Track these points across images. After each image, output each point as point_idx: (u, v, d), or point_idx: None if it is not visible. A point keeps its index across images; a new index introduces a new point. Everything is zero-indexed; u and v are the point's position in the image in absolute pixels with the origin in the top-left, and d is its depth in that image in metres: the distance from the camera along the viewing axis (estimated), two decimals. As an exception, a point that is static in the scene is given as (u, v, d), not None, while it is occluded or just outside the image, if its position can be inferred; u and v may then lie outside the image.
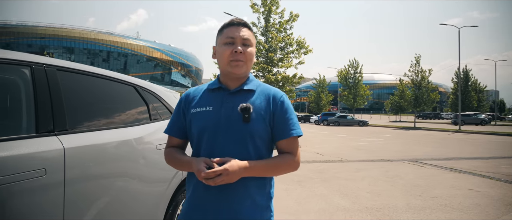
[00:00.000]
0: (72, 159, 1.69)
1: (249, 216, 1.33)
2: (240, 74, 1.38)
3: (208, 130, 1.35)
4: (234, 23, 1.39)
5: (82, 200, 1.75)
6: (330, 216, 4.27)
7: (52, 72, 1.84)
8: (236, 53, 1.34)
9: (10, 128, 1.66)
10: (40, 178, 1.53)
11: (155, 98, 2.69)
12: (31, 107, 1.68)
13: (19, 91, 1.72)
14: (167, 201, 2.49)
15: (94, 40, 74.54)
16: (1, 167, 1.41)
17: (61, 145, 1.68)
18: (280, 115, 1.37)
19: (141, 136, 2.30)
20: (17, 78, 1.73)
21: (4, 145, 1.49)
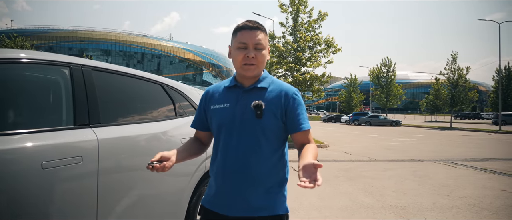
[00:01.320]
0: (104, 149, 1.90)
1: (262, 202, 1.46)
2: (252, 76, 1.51)
3: (225, 126, 1.49)
4: (247, 27, 1.47)
5: (113, 184, 1.95)
6: (352, 213, 4.31)
7: (87, 71, 2.06)
8: (248, 58, 1.46)
9: (52, 121, 1.89)
10: (78, 164, 1.74)
11: (181, 96, 2.88)
12: (70, 103, 1.90)
13: (60, 88, 1.95)
14: (191, 192, 2.66)
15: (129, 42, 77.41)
16: (46, 153, 1.62)
17: (95, 136, 1.89)
18: (292, 111, 1.48)
19: (166, 130, 2.49)
20: (58, 77, 1.96)
21: (48, 135, 1.71)
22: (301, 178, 1.18)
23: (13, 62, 1.74)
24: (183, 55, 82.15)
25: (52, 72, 1.96)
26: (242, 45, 1.45)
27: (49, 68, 1.93)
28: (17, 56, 1.76)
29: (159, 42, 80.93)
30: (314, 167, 1.20)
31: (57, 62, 1.93)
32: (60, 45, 71.93)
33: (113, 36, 77.31)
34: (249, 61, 1.45)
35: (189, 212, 2.60)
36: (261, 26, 1.50)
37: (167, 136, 2.48)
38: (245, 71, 1.47)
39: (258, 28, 1.48)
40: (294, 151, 1.57)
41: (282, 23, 15.84)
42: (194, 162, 2.64)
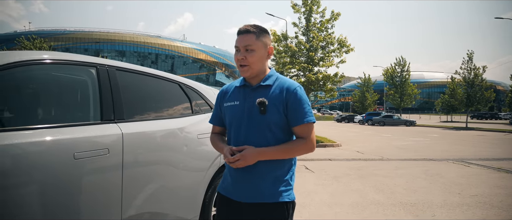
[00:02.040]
0: (128, 142, 2.06)
1: (270, 189, 1.60)
2: (247, 76, 1.64)
3: (235, 121, 1.64)
4: (239, 32, 1.63)
5: (136, 175, 2.12)
6: (362, 209, 4.41)
7: (112, 71, 2.24)
8: (239, 59, 1.60)
9: (81, 116, 2.07)
10: (105, 156, 1.91)
11: (197, 94, 3.04)
12: (97, 100, 2.08)
13: (88, 86, 2.13)
14: (206, 185, 2.81)
15: (143, 43, 78.45)
16: (77, 145, 1.80)
17: (120, 131, 2.06)
18: (293, 104, 1.61)
19: (184, 127, 2.65)
20: (86, 76, 2.14)
21: (78, 129, 1.89)
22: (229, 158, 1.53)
23: (47, 63, 1.92)
24: (197, 55, 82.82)
25: (80, 72, 2.14)
26: (236, 48, 1.62)
27: (78, 68, 2.11)
28: (52, 57, 1.94)
29: (172, 42, 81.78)
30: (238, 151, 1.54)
31: (85, 63, 2.11)
32: (76, 46, 73.30)
33: (128, 37, 78.46)
34: (241, 62, 1.60)
35: (204, 204, 2.75)
36: (252, 29, 1.62)
37: (184, 132, 2.64)
38: (241, 73, 1.63)
39: (248, 31, 1.61)
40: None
41: (294, 23, 15.92)
42: (208, 158, 2.80)
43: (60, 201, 1.70)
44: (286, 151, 1.60)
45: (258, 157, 1.53)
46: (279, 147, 1.58)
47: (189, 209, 2.59)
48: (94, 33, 77.62)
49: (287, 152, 1.60)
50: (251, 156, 1.52)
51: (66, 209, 1.73)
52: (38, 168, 1.62)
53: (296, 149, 1.61)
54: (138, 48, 78.29)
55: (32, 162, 1.60)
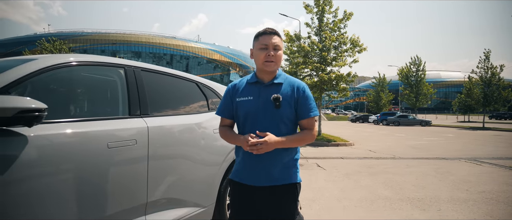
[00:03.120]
0: (153, 135, 2.32)
1: (280, 173, 1.83)
2: (271, 71, 1.88)
3: (251, 114, 1.87)
4: (267, 32, 1.87)
5: (159, 164, 2.37)
6: (370, 203, 4.58)
7: (138, 71, 2.51)
8: (269, 56, 1.84)
9: (112, 111, 2.34)
10: (133, 146, 2.18)
11: (212, 93, 3.30)
12: (125, 96, 2.35)
13: (117, 85, 2.40)
14: (221, 177, 3.05)
15: (158, 44, 79.54)
16: (110, 136, 2.06)
17: (146, 124, 2.32)
18: (302, 101, 1.85)
19: (200, 122, 2.91)
20: (115, 76, 2.41)
21: (110, 122, 2.16)
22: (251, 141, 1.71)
23: (85, 64, 2.19)
24: (211, 56, 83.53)
25: (111, 72, 2.41)
26: (264, 46, 1.84)
27: (109, 69, 2.39)
28: (88, 60, 2.22)
29: (187, 43, 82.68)
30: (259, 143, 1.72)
31: (115, 64, 2.39)
32: (94, 48, 74.77)
33: (144, 38, 79.70)
34: (269, 58, 1.83)
35: (220, 193, 3.00)
36: (277, 32, 1.89)
37: (201, 127, 2.89)
38: (266, 67, 1.84)
39: (276, 33, 1.87)
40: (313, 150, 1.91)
41: (307, 23, 16.08)
42: (222, 153, 3.04)
43: (96, 184, 1.97)
44: (297, 140, 1.83)
45: (276, 145, 1.75)
46: (293, 137, 1.81)
47: (206, 197, 2.84)
48: (110, 35, 79.08)
49: (298, 141, 1.84)
50: (272, 144, 1.73)
51: (101, 191, 1.99)
52: (78, 154, 1.89)
53: (304, 138, 1.85)
54: (154, 49, 79.41)
55: (73, 149, 1.87)
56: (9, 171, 1.58)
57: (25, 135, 1.67)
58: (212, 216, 2.95)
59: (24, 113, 1.58)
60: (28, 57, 2.03)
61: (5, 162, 1.58)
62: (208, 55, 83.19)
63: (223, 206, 3.05)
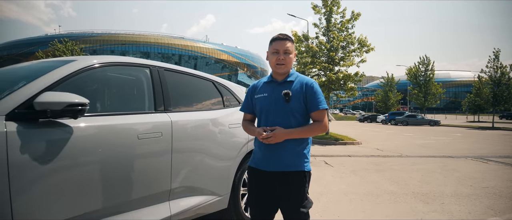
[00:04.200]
0: (176, 128, 2.57)
1: (292, 161, 2.06)
2: (282, 72, 2.12)
3: (265, 109, 2.12)
4: (279, 38, 2.11)
5: (181, 154, 2.62)
6: (376, 197, 4.78)
7: (161, 71, 2.76)
8: (279, 59, 2.08)
9: (140, 107, 2.60)
10: (159, 137, 2.43)
11: (227, 91, 3.54)
12: (151, 94, 2.60)
13: (143, 83, 2.65)
14: (235, 168, 3.29)
15: (167, 44, 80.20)
16: (140, 128, 2.32)
17: (169, 119, 2.57)
18: (310, 95, 2.08)
19: (217, 118, 3.15)
20: (141, 75, 2.66)
21: (139, 116, 2.41)
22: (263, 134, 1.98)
23: (116, 64, 2.45)
24: (219, 56, 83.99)
25: (137, 72, 2.66)
26: (275, 50, 2.10)
27: (135, 68, 2.65)
28: (118, 60, 2.47)
29: (195, 43, 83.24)
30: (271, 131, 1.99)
31: (141, 64, 2.65)
32: (103, 48, 75.59)
33: (152, 38, 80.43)
34: (280, 62, 2.08)
35: (235, 183, 3.24)
36: (289, 37, 2.13)
37: (217, 122, 3.13)
38: (277, 69, 2.10)
39: (287, 39, 2.12)
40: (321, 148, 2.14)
41: (315, 24, 16.26)
42: (236, 148, 3.28)
43: (128, 169, 2.22)
44: (307, 131, 2.06)
45: (285, 136, 2.00)
46: (302, 128, 2.05)
47: (222, 187, 3.08)
48: (120, 35, 79.91)
49: (308, 132, 2.07)
50: (280, 135, 1.98)
51: (132, 176, 2.24)
52: (113, 144, 2.14)
53: (314, 129, 2.08)
54: (162, 50, 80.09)
55: (109, 139, 2.12)
56: (59, 156, 1.84)
57: (71, 126, 1.93)
58: (227, 204, 3.19)
59: (71, 107, 1.83)
60: (68, 59, 2.29)
61: (55, 148, 1.84)
62: (216, 55, 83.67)
63: (237, 195, 3.29)
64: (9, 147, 1.65)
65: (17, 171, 1.66)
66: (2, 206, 1.61)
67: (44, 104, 1.76)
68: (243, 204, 3.35)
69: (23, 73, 2.30)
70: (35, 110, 1.78)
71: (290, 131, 2.02)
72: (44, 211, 1.77)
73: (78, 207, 1.94)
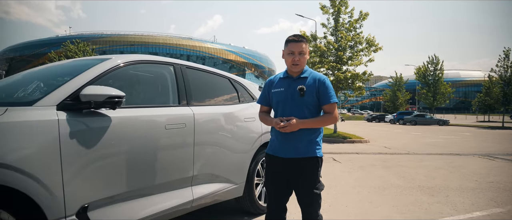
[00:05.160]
0: (197, 120, 2.82)
1: (305, 148, 2.29)
2: (296, 71, 2.35)
3: (282, 102, 2.35)
4: (294, 40, 2.33)
5: (202, 144, 2.87)
6: (382, 190, 4.98)
7: (183, 68, 3.01)
8: (294, 60, 2.31)
9: (165, 100, 2.85)
10: (183, 128, 2.68)
11: (242, 87, 3.79)
12: (175, 89, 2.85)
13: (167, 79, 2.91)
14: (250, 159, 3.53)
15: (175, 45, 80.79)
16: (166, 120, 2.57)
17: (192, 112, 2.82)
18: (322, 90, 2.31)
19: (233, 112, 3.39)
20: (166, 72, 2.92)
21: (165, 109, 2.67)
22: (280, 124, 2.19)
23: (144, 62, 2.71)
24: (227, 56, 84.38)
25: (163, 69, 2.92)
26: (291, 52, 2.32)
27: (161, 66, 2.90)
28: (146, 59, 2.73)
29: (203, 44, 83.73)
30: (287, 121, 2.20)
31: (166, 62, 2.91)
32: (112, 49, 76.29)
33: (161, 39, 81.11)
34: (295, 62, 2.31)
35: (249, 173, 3.48)
36: (303, 39, 2.35)
37: (233, 116, 3.37)
38: (293, 68, 2.33)
39: (301, 41, 2.34)
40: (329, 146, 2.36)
41: (323, 24, 16.43)
42: (250, 141, 3.51)
43: (157, 156, 2.47)
44: (319, 122, 2.29)
45: (300, 125, 2.23)
46: (314, 119, 2.28)
47: (238, 176, 3.32)
48: (128, 36, 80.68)
49: (320, 122, 2.30)
50: (295, 125, 2.21)
51: (161, 161, 2.50)
52: (145, 132, 2.40)
53: (325, 120, 2.31)
54: (171, 50, 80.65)
55: (141, 128, 2.38)
56: (100, 142, 2.10)
57: (110, 116, 2.19)
58: (242, 192, 3.43)
59: (110, 99, 2.09)
60: (103, 57, 2.56)
61: (98, 135, 2.10)
62: (223, 56, 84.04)
63: (252, 185, 3.53)
64: (61, 133, 1.91)
65: (66, 153, 1.92)
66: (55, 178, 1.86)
67: (88, 96, 2.02)
68: (257, 193, 3.60)
69: (66, 70, 2.58)
70: (80, 101, 2.04)
71: (304, 121, 2.25)
72: (88, 188, 2.03)
73: (117, 186, 2.20)
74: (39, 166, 1.79)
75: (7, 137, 1.70)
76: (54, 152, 1.87)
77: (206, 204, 3.02)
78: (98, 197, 2.08)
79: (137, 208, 2.32)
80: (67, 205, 1.90)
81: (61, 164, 1.89)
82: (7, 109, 1.79)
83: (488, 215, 3.79)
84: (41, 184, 1.78)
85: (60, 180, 1.88)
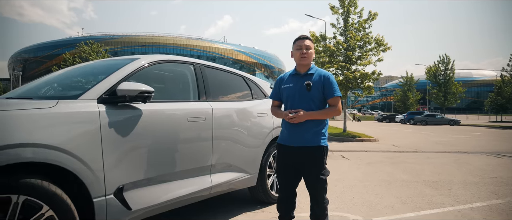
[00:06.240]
0: (216, 114, 3.12)
1: (312, 138, 2.56)
2: (305, 64, 2.62)
3: (291, 96, 2.64)
4: (301, 38, 2.63)
5: (220, 136, 3.16)
6: (388, 183, 5.21)
7: (202, 67, 3.31)
8: (302, 53, 2.59)
9: (187, 96, 3.15)
10: (203, 121, 2.98)
11: (255, 85, 4.07)
12: (195, 86, 3.15)
13: (188, 77, 3.21)
14: (263, 152, 3.80)
15: (186, 46, 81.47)
16: (189, 113, 2.87)
17: (210, 106, 3.12)
18: (327, 85, 2.58)
19: (246, 107, 3.67)
20: (187, 71, 3.22)
21: (187, 103, 2.97)
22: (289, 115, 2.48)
23: (168, 61, 3.02)
24: (236, 56, 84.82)
25: (184, 68, 3.22)
26: (299, 47, 2.61)
27: (182, 65, 3.21)
28: (170, 58, 3.04)
29: (213, 44, 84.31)
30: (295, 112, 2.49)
31: (187, 62, 3.21)
32: (124, 50, 77.22)
33: (171, 40, 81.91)
34: (303, 55, 2.60)
35: (262, 165, 3.76)
36: (308, 37, 2.65)
37: (248, 111, 3.66)
38: (301, 61, 2.62)
39: (306, 38, 2.64)
40: (338, 144, 2.63)
41: (333, 24, 16.63)
42: (263, 135, 3.79)
43: (181, 145, 2.77)
44: (324, 114, 2.57)
45: (307, 117, 2.51)
46: (320, 111, 2.56)
47: (252, 166, 3.60)
48: (140, 37, 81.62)
49: (325, 114, 2.57)
50: (303, 116, 2.49)
51: (184, 150, 2.80)
52: (170, 124, 2.69)
53: (330, 112, 2.59)
54: (181, 51, 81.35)
55: (168, 120, 2.68)
56: (134, 131, 2.40)
57: (141, 109, 2.49)
58: (255, 182, 3.71)
59: (142, 94, 2.38)
60: (132, 57, 2.86)
61: (131, 125, 2.40)
62: (233, 56, 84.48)
63: (264, 175, 3.80)
64: (101, 122, 2.22)
65: (106, 140, 2.22)
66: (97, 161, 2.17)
67: (123, 91, 2.32)
68: (269, 183, 3.87)
69: (101, 69, 2.90)
70: (116, 95, 2.35)
71: (311, 113, 2.53)
72: (123, 171, 2.33)
73: (147, 171, 2.49)
74: (84, 150, 2.09)
75: (60, 125, 2.01)
76: (96, 138, 2.17)
77: (222, 192, 3.31)
78: (131, 180, 2.39)
79: (164, 191, 2.62)
80: (107, 185, 2.21)
81: (102, 149, 2.19)
82: (58, 101, 2.10)
83: (488, 205, 4.00)
84: (87, 165, 2.09)
85: (101, 163, 2.18)
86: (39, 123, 1.91)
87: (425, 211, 3.76)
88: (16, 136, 1.78)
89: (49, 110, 2.01)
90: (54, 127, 1.97)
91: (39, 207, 1.84)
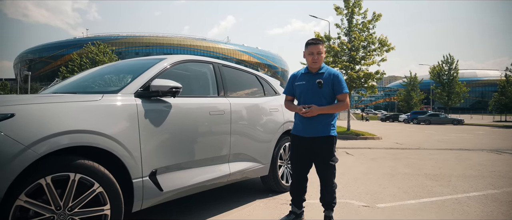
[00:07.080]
0: (233, 109, 3.44)
1: (323, 129, 2.87)
2: (316, 68, 2.94)
3: (303, 92, 2.96)
4: (313, 43, 2.93)
5: (237, 129, 3.48)
6: (391, 176, 5.51)
7: (220, 66, 3.64)
8: (313, 59, 2.90)
9: (207, 92, 3.48)
10: (222, 115, 3.30)
11: (266, 83, 4.40)
12: (214, 83, 3.48)
13: (208, 75, 3.53)
14: (274, 144, 4.12)
15: (190, 46, 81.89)
16: (210, 107, 3.19)
17: (228, 101, 3.44)
18: (336, 83, 2.89)
19: (259, 103, 3.99)
20: (207, 69, 3.54)
21: (208, 99, 3.30)
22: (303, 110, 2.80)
23: (190, 61, 3.34)
24: (240, 57, 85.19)
25: (203, 67, 3.55)
26: (311, 53, 2.91)
27: (202, 64, 3.53)
28: (191, 58, 3.37)
29: (217, 45, 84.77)
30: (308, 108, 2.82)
31: (207, 61, 3.54)
32: (128, 50, 77.75)
33: (175, 40, 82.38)
34: (314, 60, 2.90)
35: (274, 156, 4.07)
36: (320, 41, 2.94)
37: (261, 106, 3.98)
38: (313, 66, 2.93)
39: (319, 43, 2.93)
40: (342, 142, 2.94)
41: (337, 24, 16.93)
42: (274, 128, 4.11)
43: (203, 136, 3.09)
44: (334, 108, 2.88)
45: (318, 111, 2.82)
46: (330, 106, 2.87)
47: (264, 157, 3.92)
48: (144, 38, 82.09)
49: (334, 109, 2.89)
50: (315, 110, 2.81)
51: (207, 140, 3.12)
52: (195, 116, 3.02)
53: (339, 107, 2.90)
54: (185, 51, 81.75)
55: (193, 113, 3.00)
56: (165, 122, 2.73)
57: (171, 102, 2.82)
58: (268, 172, 4.02)
59: (171, 89, 2.71)
60: (160, 57, 3.19)
61: (163, 116, 2.73)
62: (237, 56, 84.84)
63: (275, 166, 4.12)
64: (138, 113, 2.54)
65: (142, 128, 2.55)
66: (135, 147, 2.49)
67: (156, 86, 2.65)
68: (280, 173, 4.19)
69: (131, 68, 3.24)
70: (149, 91, 2.67)
71: (322, 108, 2.84)
72: (156, 157, 2.65)
73: (175, 157, 2.82)
74: (126, 138, 2.42)
75: (107, 115, 2.34)
76: (135, 127, 2.50)
77: (238, 180, 3.63)
78: (163, 164, 2.71)
79: (190, 176, 2.94)
80: (143, 168, 2.53)
81: (139, 137, 2.52)
82: (103, 95, 2.43)
83: (484, 195, 4.29)
84: (127, 150, 2.41)
85: (139, 149, 2.51)
86: (92, 113, 2.25)
87: (425, 198, 4.06)
88: (75, 123, 2.12)
89: (98, 102, 2.34)
90: (103, 117, 2.31)
91: (91, 184, 2.17)
